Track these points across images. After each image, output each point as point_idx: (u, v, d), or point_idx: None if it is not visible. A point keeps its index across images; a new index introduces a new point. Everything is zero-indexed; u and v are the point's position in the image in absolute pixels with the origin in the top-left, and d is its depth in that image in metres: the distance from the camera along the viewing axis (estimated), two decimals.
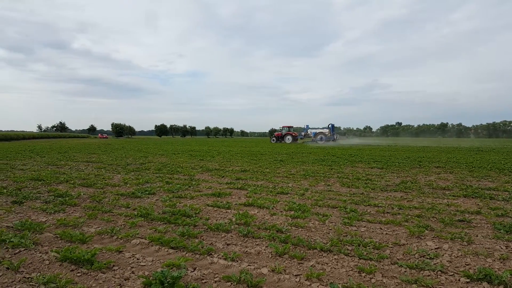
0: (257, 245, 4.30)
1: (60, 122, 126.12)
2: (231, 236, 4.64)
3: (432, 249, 4.16)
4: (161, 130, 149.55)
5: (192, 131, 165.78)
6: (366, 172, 11.53)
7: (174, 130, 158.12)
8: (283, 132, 49.23)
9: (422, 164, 14.33)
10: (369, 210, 6.09)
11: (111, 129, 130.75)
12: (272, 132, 50.38)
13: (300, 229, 4.94)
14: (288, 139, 47.68)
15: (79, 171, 11.32)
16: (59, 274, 3.32)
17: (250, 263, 3.74)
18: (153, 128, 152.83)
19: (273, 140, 49.50)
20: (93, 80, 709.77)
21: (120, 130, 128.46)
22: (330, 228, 4.99)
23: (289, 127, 49.88)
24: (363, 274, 3.45)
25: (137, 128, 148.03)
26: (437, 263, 3.70)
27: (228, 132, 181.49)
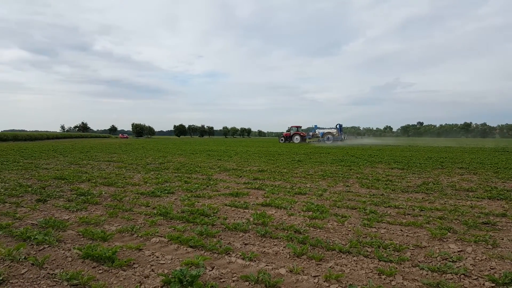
0: (275, 245, 4.28)
1: (82, 123, 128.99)
2: (249, 236, 4.64)
3: (455, 252, 4.06)
4: (180, 130, 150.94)
5: (210, 131, 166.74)
6: (386, 173, 11.35)
7: (193, 130, 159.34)
8: (292, 132, 49.66)
9: (445, 165, 14.02)
10: (389, 212, 5.99)
11: (131, 129, 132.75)
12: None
13: (319, 230, 4.90)
14: (297, 139, 48.11)
15: (101, 171, 11.54)
16: (81, 271, 3.38)
17: (268, 263, 3.72)
18: (172, 128, 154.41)
19: (282, 140, 49.83)
20: (114, 81, 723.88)
21: (140, 130, 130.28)
22: (349, 229, 4.93)
23: (298, 127, 50.26)
24: (383, 277, 3.39)
25: (157, 128, 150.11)
26: (460, 267, 3.60)
27: (246, 132, 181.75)
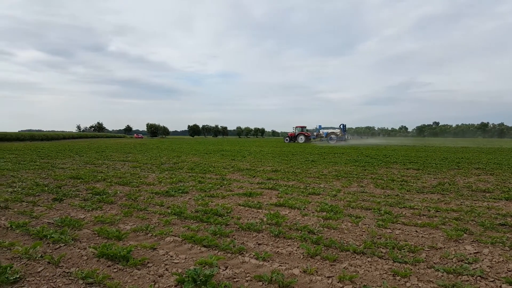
0: (289, 246, 4.28)
1: (98, 123, 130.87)
2: (262, 236, 4.65)
3: (471, 254, 4.00)
4: (194, 130, 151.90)
5: (224, 131, 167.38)
6: (401, 173, 11.23)
7: (206, 130, 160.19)
8: (296, 132, 50.13)
9: (461, 166, 13.79)
10: (404, 212, 5.93)
11: (146, 129, 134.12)
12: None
13: (333, 231, 4.88)
14: (301, 139, 48.59)
15: (116, 170, 11.69)
16: (96, 270, 3.44)
17: (282, 264, 3.73)
18: (186, 128, 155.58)
19: (287, 140, 50.45)
20: (129, 82, 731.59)
21: (155, 130, 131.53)
22: (364, 230, 4.90)
23: (302, 127, 50.75)
24: (398, 278, 3.37)
25: (171, 128, 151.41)
26: (477, 268, 3.55)
27: (259, 132, 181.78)
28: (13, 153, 19.32)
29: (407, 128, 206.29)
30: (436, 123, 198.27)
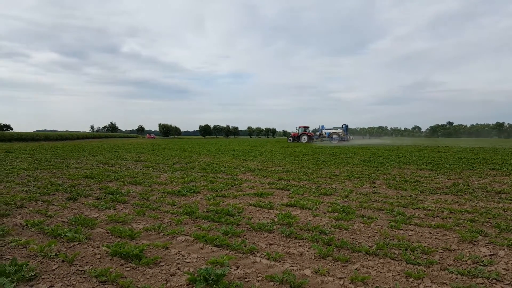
0: (300, 246, 4.27)
1: (111, 123, 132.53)
2: (274, 236, 4.65)
3: (486, 256, 3.94)
4: (205, 130, 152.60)
5: (235, 131, 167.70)
6: (415, 174, 11.10)
7: (218, 130, 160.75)
8: (299, 132, 50.95)
9: (476, 166, 13.57)
10: (418, 214, 5.86)
11: (158, 130, 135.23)
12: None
13: (344, 231, 4.85)
14: (304, 139, 49.40)
15: (129, 170, 11.80)
16: (110, 268, 3.48)
17: (293, 264, 3.72)
18: (198, 129, 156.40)
19: (290, 140, 51.16)
20: (142, 82, 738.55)
21: (167, 130, 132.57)
22: (376, 231, 4.86)
23: (305, 128, 51.49)
24: (411, 280, 3.33)
25: (183, 129, 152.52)
26: (492, 271, 3.49)
27: (271, 132, 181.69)
28: (29, 153, 19.65)
29: (421, 128, 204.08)
30: (450, 123, 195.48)
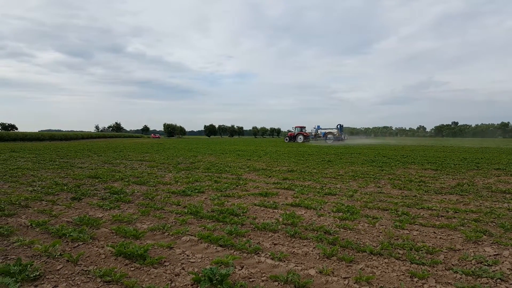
0: (304, 246, 4.27)
1: (116, 123, 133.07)
2: (278, 236, 4.65)
3: (491, 256, 3.93)
4: (210, 130, 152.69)
5: (240, 131, 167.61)
6: (419, 174, 11.07)
7: (222, 130, 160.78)
8: (296, 132, 51.83)
9: (480, 166, 13.51)
10: (422, 213, 5.85)
11: (163, 129, 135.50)
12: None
13: (349, 231, 4.85)
14: (300, 139, 50.29)
15: (133, 170, 11.84)
16: (114, 268, 3.50)
17: (297, 264, 3.73)
18: (202, 128, 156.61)
19: (286, 140, 52.31)
20: (147, 82, 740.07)
21: (172, 130, 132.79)
22: (381, 231, 4.86)
23: (302, 128, 52.30)
24: (415, 279, 3.33)
25: (187, 128, 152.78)
26: (496, 271, 3.48)
27: (275, 132, 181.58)
28: (33, 153, 19.77)
29: (425, 128, 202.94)
30: (455, 123, 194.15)
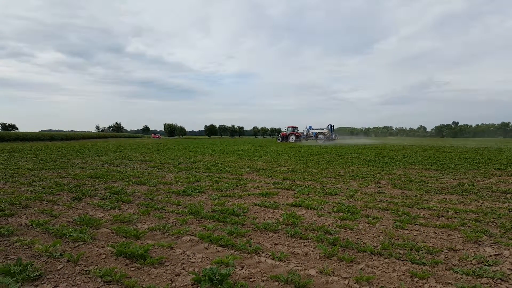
0: (305, 246, 4.28)
1: (116, 123, 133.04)
2: (279, 236, 4.65)
3: (491, 256, 3.93)
4: (211, 130, 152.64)
5: (240, 131, 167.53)
6: (420, 174, 11.07)
7: (223, 130, 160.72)
8: (288, 132, 52.54)
9: (481, 166, 13.51)
10: (423, 213, 5.85)
11: (164, 129, 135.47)
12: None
13: (349, 231, 4.85)
14: (292, 139, 51.01)
15: (134, 170, 11.84)
16: (114, 268, 3.50)
17: (298, 264, 3.73)
18: (203, 128, 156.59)
19: (279, 140, 52.84)
20: (147, 82, 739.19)
21: (172, 130, 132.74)
22: (381, 231, 4.86)
23: (294, 128, 52.99)
24: (416, 279, 3.33)
25: (188, 128, 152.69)
26: (497, 271, 3.48)
27: (276, 132, 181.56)
28: (34, 153, 19.78)
29: (426, 128, 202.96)
30: (456, 123, 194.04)
